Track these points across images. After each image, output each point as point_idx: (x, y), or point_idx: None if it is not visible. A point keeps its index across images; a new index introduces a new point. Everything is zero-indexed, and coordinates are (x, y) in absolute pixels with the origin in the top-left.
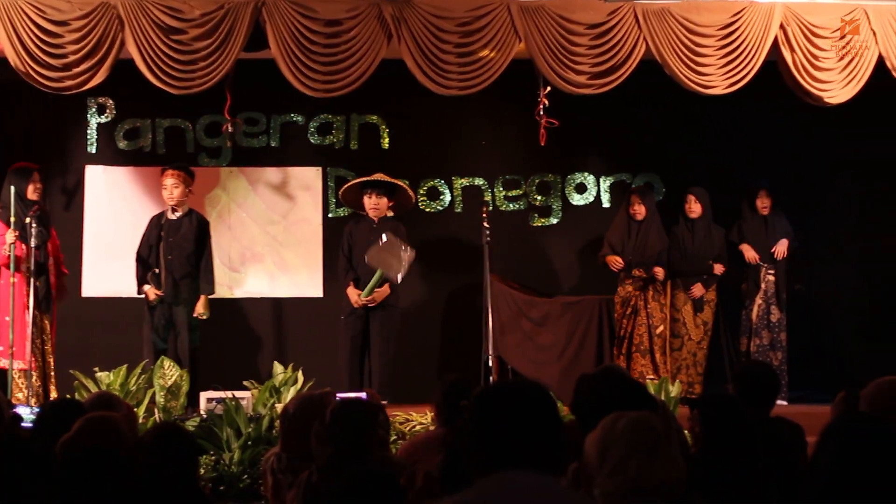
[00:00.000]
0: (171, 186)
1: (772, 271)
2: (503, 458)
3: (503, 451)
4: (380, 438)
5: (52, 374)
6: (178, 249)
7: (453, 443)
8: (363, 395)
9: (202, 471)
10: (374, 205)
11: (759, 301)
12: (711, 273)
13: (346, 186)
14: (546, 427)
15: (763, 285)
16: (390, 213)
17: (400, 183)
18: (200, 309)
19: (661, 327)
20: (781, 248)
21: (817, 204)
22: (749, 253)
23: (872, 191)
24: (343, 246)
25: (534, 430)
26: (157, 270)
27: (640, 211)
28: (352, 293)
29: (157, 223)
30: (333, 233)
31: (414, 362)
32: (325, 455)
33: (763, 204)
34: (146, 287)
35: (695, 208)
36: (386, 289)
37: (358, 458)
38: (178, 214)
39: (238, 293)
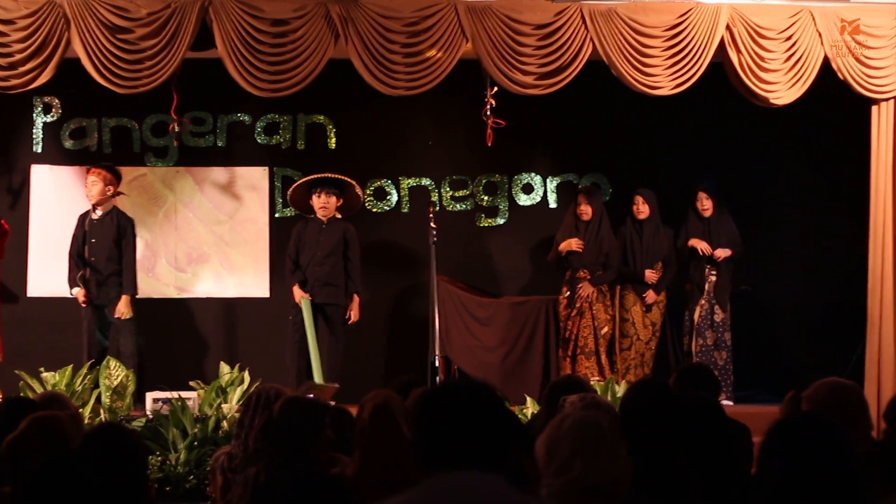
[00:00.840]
0: (90, 185)
1: (714, 272)
2: (448, 458)
3: (448, 452)
4: (329, 439)
5: None
6: (100, 250)
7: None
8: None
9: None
10: (324, 204)
11: (702, 301)
12: (642, 281)
13: (294, 186)
14: (492, 427)
15: (706, 286)
16: (338, 216)
17: (349, 181)
18: (122, 309)
19: (606, 328)
20: (721, 253)
21: (763, 203)
22: (700, 245)
23: (817, 191)
24: (290, 249)
25: (479, 429)
26: (82, 272)
27: (586, 211)
28: (296, 292)
29: (81, 223)
30: (280, 233)
31: (360, 363)
32: (273, 454)
33: (703, 206)
34: (75, 290)
35: (643, 209)
36: (356, 299)
37: (306, 459)
38: (99, 214)
39: (184, 293)
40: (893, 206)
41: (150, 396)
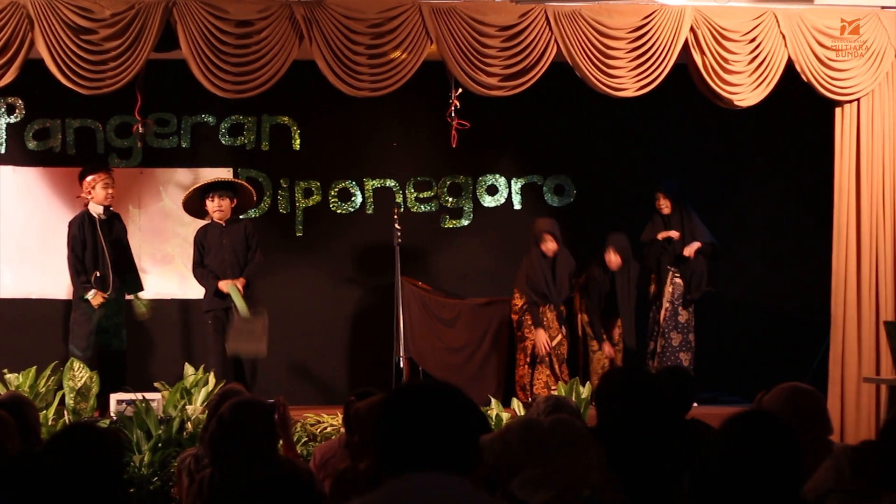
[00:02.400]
0: (104, 186)
1: (678, 274)
2: (411, 459)
3: (412, 453)
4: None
5: None
6: (118, 248)
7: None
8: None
9: None
10: (218, 207)
11: (665, 304)
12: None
13: (186, 196)
14: (457, 429)
15: (671, 287)
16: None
17: (240, 181)
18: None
19: (559, 337)
20: (689, 250)
21: (728, 205)
22: (670, 233)
23: (782, 192)
24: (195, 258)
25: (445, 431)
26: (97, 273)
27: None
28: (223, 284)
29: (85, 223)
30: None
31: (325, 364)
32: (227, 456)
33: (660, 205)
34: (91, 293)
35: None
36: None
37: (261, 461)
38: (107, 213)
39: (147, 294)
40: (857, 208)
41: (113, 398)
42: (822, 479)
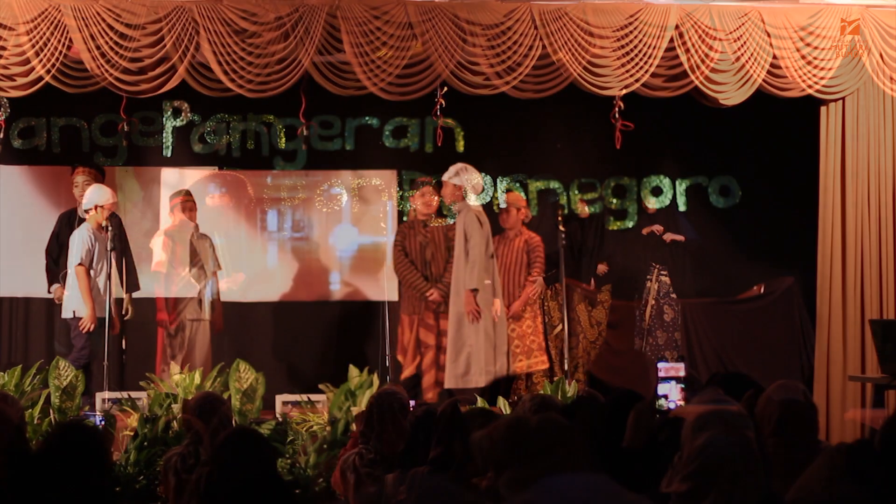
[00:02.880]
0: (78, 185)
1: (665, 272)
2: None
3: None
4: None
5: None
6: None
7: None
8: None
9: None
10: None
11: (651, 301)
12: (595, 273)
13: (176, 197)
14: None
15: (656, 285)
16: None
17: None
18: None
19: (560, 327)
20: (669, 236)
21: (713, 202)
22: (653, 227)
23: (767, 190)
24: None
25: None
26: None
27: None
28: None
29: (63, 221)
30: None
31: (309, 363)
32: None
33: (646, 204)
34: (53, 287)
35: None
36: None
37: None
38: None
39: (133, 293)
40: (842, 206)
41: (99, 396)
42: (816, 476)
